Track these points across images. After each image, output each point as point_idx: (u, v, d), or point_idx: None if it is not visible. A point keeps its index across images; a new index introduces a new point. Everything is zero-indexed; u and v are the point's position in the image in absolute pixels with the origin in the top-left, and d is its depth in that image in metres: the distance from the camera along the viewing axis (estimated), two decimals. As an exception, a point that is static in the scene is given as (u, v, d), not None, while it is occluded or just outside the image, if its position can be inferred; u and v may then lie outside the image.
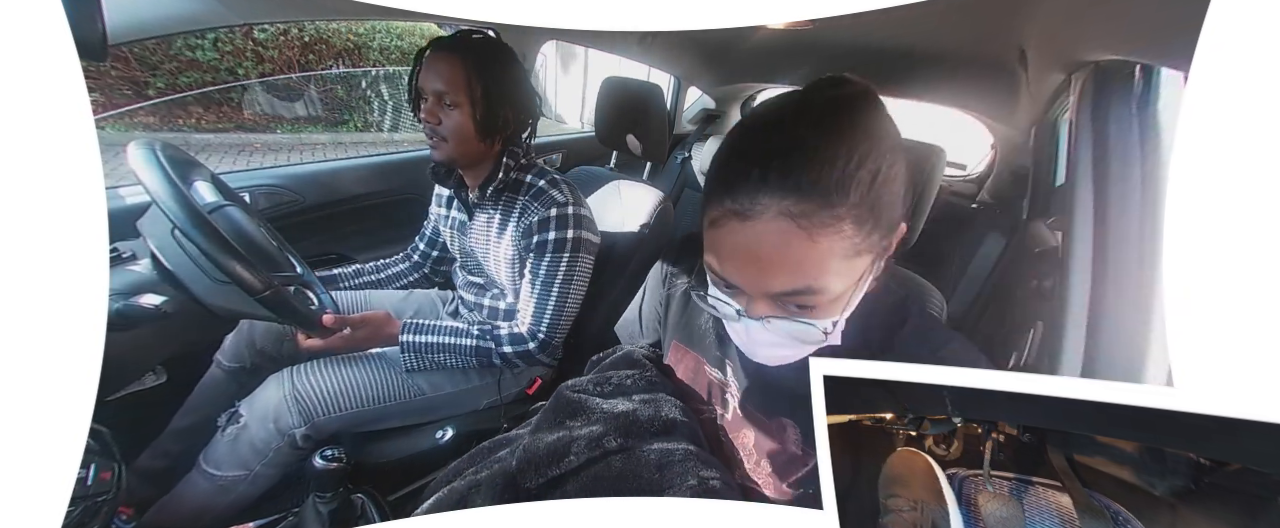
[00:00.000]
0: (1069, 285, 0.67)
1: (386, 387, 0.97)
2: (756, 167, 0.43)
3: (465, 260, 1.11)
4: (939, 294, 0.69)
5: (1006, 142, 1.25)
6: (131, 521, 0.84)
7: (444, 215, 1.12)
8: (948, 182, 1.50)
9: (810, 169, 0.42)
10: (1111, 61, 0.69)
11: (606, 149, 1.49)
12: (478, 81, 0.89)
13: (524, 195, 0.97)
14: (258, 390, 0.93)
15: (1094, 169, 0.68)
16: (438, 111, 0.90)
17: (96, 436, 0.70)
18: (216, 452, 0.89)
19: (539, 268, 0.96)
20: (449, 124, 0.90)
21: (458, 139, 0.91)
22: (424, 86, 0.91)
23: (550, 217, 0.95)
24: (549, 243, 0.95)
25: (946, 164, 0.81)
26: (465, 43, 0.91)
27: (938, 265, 1.29)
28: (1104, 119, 0.68)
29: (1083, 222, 0.67)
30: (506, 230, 0.99)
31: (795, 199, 0.42)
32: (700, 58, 1.67)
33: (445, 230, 1.13)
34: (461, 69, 0.88)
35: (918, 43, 0.90)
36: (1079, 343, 0.64)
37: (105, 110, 3.03)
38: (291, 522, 0.85)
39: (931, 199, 0.77)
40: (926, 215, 0.76)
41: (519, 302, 1.01)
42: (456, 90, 0.88)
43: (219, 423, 0.91)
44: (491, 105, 0.91)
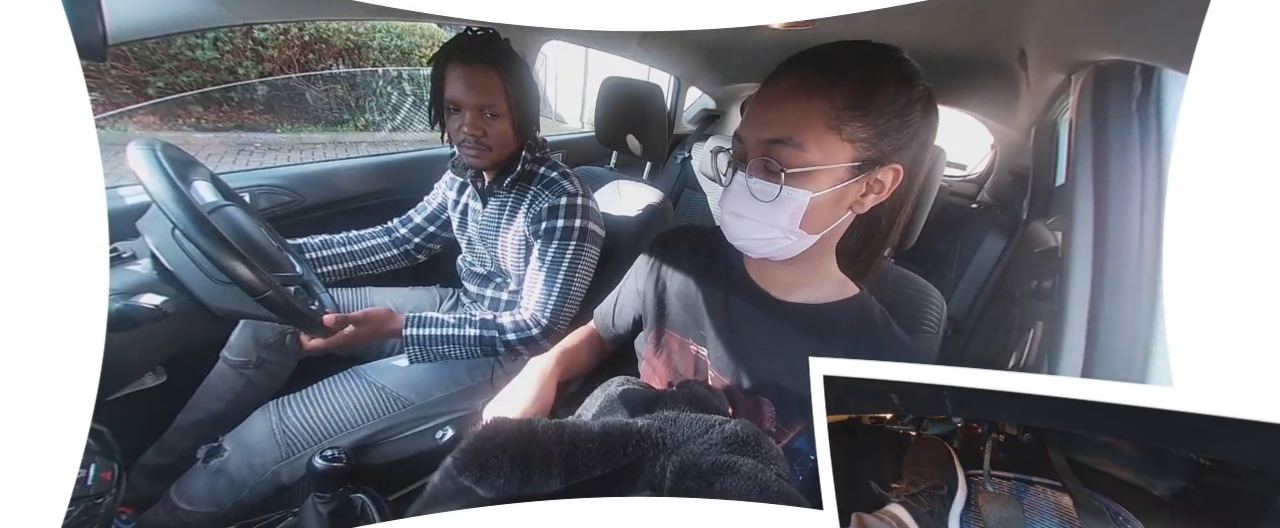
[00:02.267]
0: (1069, 285, 0.67)
1: (371, 407, 0.96)
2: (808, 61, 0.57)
3: (471, 249, 1.12)
4: (939, 294, 0.69)
5: (1006, 142, 1.25)
6: (131, 521, 0.84)
7: (454, 201, 1.13)
8: (948, 182, 1.50)
9: (834, 48, 0.56)
10: (1111, 61, 0.69)
11: (607, 149, 1.50)
12: (512, 89, 0.91)
13: (535, 184, 0.99)
14: (244, 425, 0.91)
15: (1094, 169, 0.68)
16: (481, 124, 0.92)
17: (96, 436, 0.70)
18: (191, 486, 0.87)
19: (546, 254, 0.98)
20: (494, 134, 0.93)
21: (501, 146, 0.94)
22: (459, 100, 0.91)
23: (559, 204, 0.97)
24: (557, 230, 0.96)
25: (946, 164, 0.81)
26: (494, 51, 0.92)
27: (938, 265, 1.30)
28: (1104, 119, 0.68)
29: (1083, 222, 0.67)
30: (516, 217, 1.01)
31: (816, 70, 0.55)
32: (700, 58, 1.67)
33: (454, 216, 1.14)
34: (498, 79, 0.90)
35: (918, 43, 0.90)
36: (1079, 343, 0.64)
37: (105, 110, 3.03)
38: (291, 522, 0.85)
39: (931, 199, 0.77)
40: (926, 215, 0.76)
41: (523, 288, 1.02)
42: (497, 100, 0.91)
43: (199, 456, 0.89)
44: (524, 108, 0.94)
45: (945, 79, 1.08)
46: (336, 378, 0.98)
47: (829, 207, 0.57)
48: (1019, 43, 0.86)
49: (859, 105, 0.53)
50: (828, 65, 0.55)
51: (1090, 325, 0.63)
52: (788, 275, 0.66)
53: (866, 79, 0.54)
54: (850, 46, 0.57)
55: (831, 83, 0.54)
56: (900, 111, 0.55)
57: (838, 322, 0.63)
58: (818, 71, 0.55)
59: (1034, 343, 0.76)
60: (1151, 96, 0.62)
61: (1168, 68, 0.59)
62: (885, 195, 0.58)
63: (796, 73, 0.56)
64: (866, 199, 0.58)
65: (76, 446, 0.50)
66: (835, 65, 0.55)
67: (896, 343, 0.62)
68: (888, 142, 0.55)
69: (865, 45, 0.57)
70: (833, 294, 0.65)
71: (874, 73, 0.54)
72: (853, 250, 0.65)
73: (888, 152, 0.55)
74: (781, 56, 0.57)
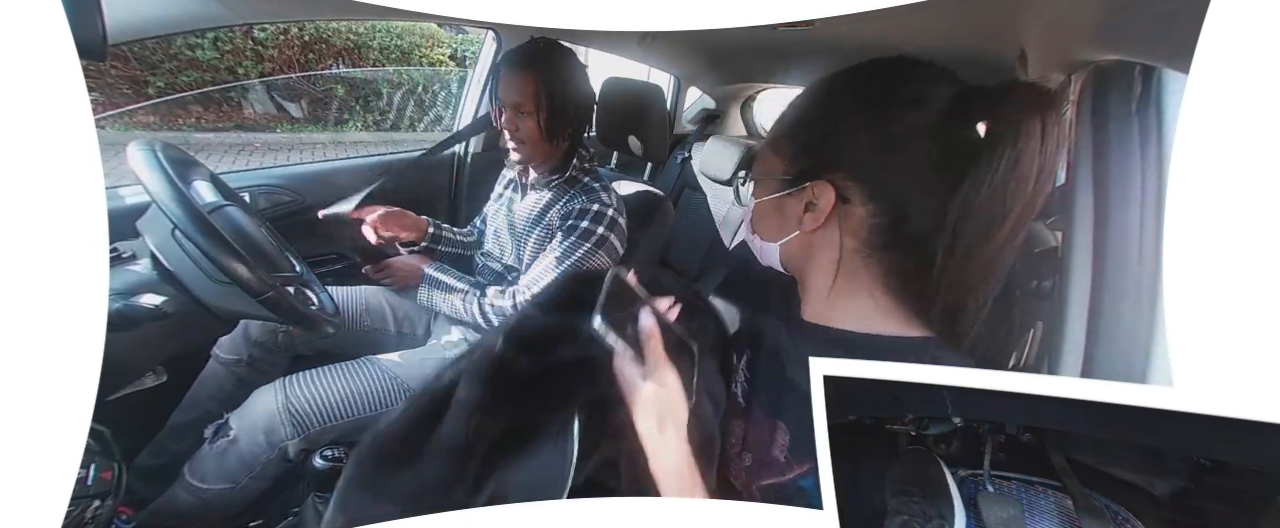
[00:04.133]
0: (1069, 285, 0.67)
1: (381, 395, 0.97)
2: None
3: (496, 239, 1.16)
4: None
5: (1006, 142, 1.25)
6: (131, 521, 0.84)
7: (498, 194, 1.19)
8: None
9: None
10: (1111, 61, 0.69)
11: (607, 149, 1.49)
12: (544, 90, 0.97)
13: (576, 188, 1.06)
14: (247, 402, 0.92)
15: (1094, 169, 0.68)
16: (515, 120, 0.99)
17: (96, 436, 0.70)
18: (202, 465, 0.89)
19: (560, 247, 1.02)
20: (525, 129, 0.99)
21: (531, 142, 1.01)
22: (504, 98, 1.00)
23: (591, 209, 1.02)
24: (579, 229, 1.01)
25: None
26: (535, 55, 0.99)
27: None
28: (1104, 119, 0.68)
29: (1083, 222, 0.67)
30: (549, 213, 1.06)
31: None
32: (700, 58, 1.66)
33: (492, 207, 1.20)
34: (532, 81, 0.97)
35: (918, 42, 0.90)
36: (1079, 343, 0.64)
37: (105, 110, 3.03)
38: (291, 522, 0.85)
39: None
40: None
41: (526, 270, 1.07)
42: (526, 100, 0.97)
43: (206, 435, 0.91)
44: (555, 111, 0.99)
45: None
46: (350, 363, 0.99)
47: (773, 215, 0.60)
48: (1019, 43, 0.86)
49: (784, 118, 0.59)
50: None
51: (1090, 325, 0.63)
52: (818, 296, 0.60)
53: (801, 95, 0.59)
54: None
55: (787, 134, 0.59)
56: (834, 129, 0.55)
57: (880, 355, 0.55)
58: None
59: (1034, 343, 0.76)
60: (1151, 96, 0.62)
61: (1168, 68, 0.59)
62: (821, 218, 0.54)
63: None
64: (806, 217, 0.56)
65: (76, 446, 0.50)
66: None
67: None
68: (818, 157, 0.56)
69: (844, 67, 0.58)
70: (877, 325, 0.56)
71: (816, 87, 0.58)
72: (915, 284, 0.55)
73: (819, 167, 0.55)
74: (781, 56, 0.57)
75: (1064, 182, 0.75)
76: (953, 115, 0.51)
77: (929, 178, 0.51)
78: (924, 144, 0.51)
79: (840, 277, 0.58)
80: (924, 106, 0.51)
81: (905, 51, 0.56)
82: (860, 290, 0.57)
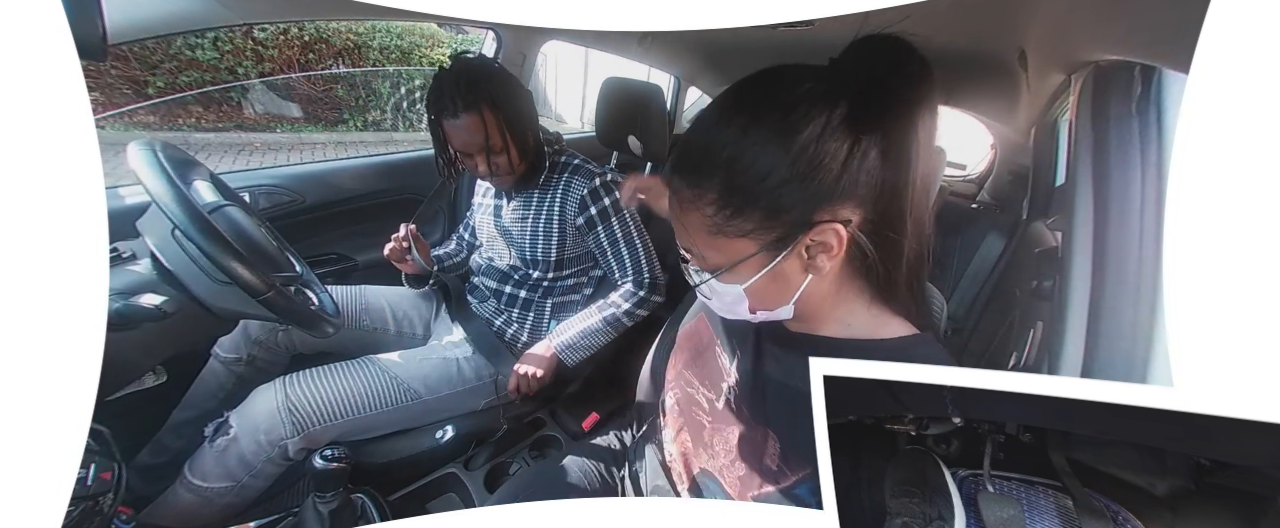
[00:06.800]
0: (1069, 285, 0.67)
1: (382, 394, 0.98)
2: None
3: (492, 245, 1.17)
4: (939, 295, 0.69)
5: (1006, 142, 1.25)
6: (131, 521, 0.84)
7: (479, 204, 1.20)
8: (948, 182, 1.50)
9: (682, 152, 0.52)
10: (1111, 61, 0.69)
11: (607, 149, 1.50)
12: (503, 120, 0.96)
13: (563, 173, 1.08)
14: (248, 401, 0.92)
15: (1094, 169, 0.68)
16: (492, 160, 0.98)
17: (96, 435, 0.70)
18: (203, 463, 0.89)
19: (607, 233, 1.08)
20: (504, 164, 0.99)
21: (516, 166, 1.01)
22: (465, 147, 0.97)
23: (595, 186, 1.07)
24: (606, 209, 1.07)
25: (946, 164, 0.80)
26: (472, 94, 0.93)
27: (937, 265, 1.29)
28: (1104, 119, 0.68)
29: (1083, 222, 0.67)
30: (546, 206, 1.08)
31: (683, 182, 0.51)
32: (700, 58, 1.67)
33: (478, 217, 1.20)
34: (487, 119, 0.94)
35: (918, 43, 0.90)
36: (1079, 343, 0.64)
37: (105, 110, 3.03)
38: (291, 522, 0.85)
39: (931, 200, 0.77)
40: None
41: (608, 269, 1.12)
42: (494, 136, 0.96)
43: (206, 434, 0.91)
44: (519, 132, 0.99)
45: (945, 79, 1.08)
46: (351, 363, 1.00)
47: (772, 285, 0.52)
48: (1019, 43, 0.86)
49: (730, 203, 0.48)
50: (690, 170, 0.50)
51: (1090, 325, 0.63)
52: (805, 308, 0.57)
53: (731, 172, 0.47)
54: (703, 136, 0.50)
55: (698, 193, 0.49)
56: (787, 180, 0.46)
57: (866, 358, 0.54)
58: (684, 183, 0.50)
59: (1034, 343, 0.76)
60: (1151, 96, 0.62)
61: (1168, 68, 0.59)
62: (839, 252, 0.49)
63: (673, 179, 0.52)
64: (818, 262, 0.50)
65: (76, 446, 0.50)
66: (697, 170, 0.49)
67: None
68: (796, 212, 0.47)
69: (720, 133, 0.49)
70: (866, 330, 0.56)
71: (737, 163, 0.47)
72: (885, 278, 0.54)
73: (806, 216, 0.47)
74: (781, 57, 0.55)
75: (1064, 181, 0.75)
76: (832, 103, 0.47)
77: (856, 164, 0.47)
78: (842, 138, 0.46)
79: (837, 290, 0.56)
80: (819, 102, 0.47)
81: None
82: (842, 294, 0.56)
